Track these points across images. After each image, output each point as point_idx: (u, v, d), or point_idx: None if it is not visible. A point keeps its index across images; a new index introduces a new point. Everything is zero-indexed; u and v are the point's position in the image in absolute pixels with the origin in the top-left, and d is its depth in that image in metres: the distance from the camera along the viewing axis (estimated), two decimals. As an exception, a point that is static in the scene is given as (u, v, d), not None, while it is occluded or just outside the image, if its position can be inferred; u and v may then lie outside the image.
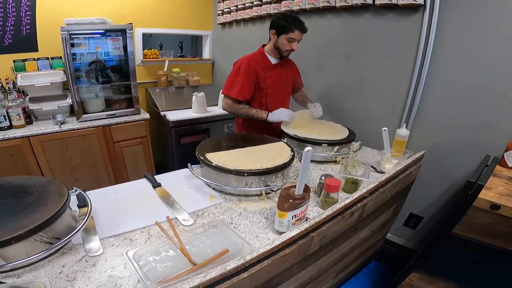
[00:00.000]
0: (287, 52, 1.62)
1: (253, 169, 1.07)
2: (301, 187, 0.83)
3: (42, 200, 0.85)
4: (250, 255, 0.69)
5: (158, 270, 0.71)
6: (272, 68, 1.69)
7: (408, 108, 1.63)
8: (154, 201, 1.08)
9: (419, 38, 1.50)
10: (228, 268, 0.65)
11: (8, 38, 2.26)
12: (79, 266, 0.75)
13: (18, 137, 1.97)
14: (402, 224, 1.82)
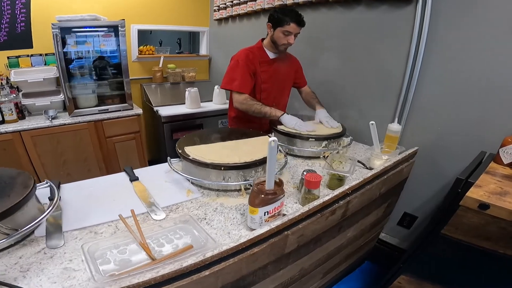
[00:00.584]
0: (283, 46, 1.55)
1: (230, 163, 1.02)
2: (270, 182, 0.79)
3: (6, 191, 0.83)
4: (211, 252, 0.65)
5: (113, 264, 0.67)
6: (268, 62, 1.63)
7: (401, 103, 1.57)
8: (129, 195, 1.05)
9: (412, 31, 1.44)
10: (185, 265, 0.61)
11: (3, 35, 2.27)
12: (35, 258, 0.72)
13: (10, 132, 1.96)
14: (396, 224, 1.75)
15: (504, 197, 0.81)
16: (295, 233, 0.83)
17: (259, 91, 1.67)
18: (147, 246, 0.71)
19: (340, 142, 1.48)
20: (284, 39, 1.51)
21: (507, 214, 0.76)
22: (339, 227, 1.08)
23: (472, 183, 0.90)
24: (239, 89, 1.56)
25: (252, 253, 0.73)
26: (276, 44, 1.56)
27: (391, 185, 1.29)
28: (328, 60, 1.90)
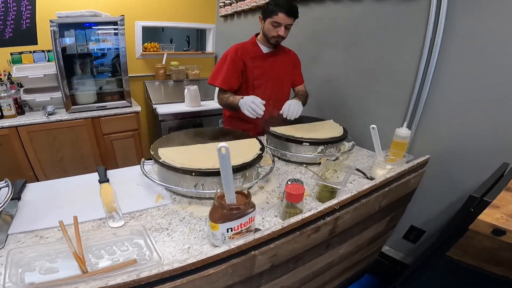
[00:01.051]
0: (273, 38, 1.43)
1: (202, 168, 0.90)
2: (229, 195, 0.66)
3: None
4: (147, 272, 0.53)
5: (38, 273, 0.58)
6: (262, 57, 1.52)
7: (413, 105, 1.39)
8: (93, 198, 0.95)
9: (427, 24, 1.27)
10: (111, 283, 0.50)
11: (9, 31, 2.28)
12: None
13: (6, 127, 1.95)
14: (401, 237, 1.57)
15: None
16: (266, 253, 0.70)
17: (252, 88, 1.55)
18: (81, 257, 0.60)
19: (340, 147, 1.32)
20: (273, 30, 1.40)
21: None
22: (326, 245, 0.93)
23: (488, 203, 0.73)
24: (221, 85, 1.48)
25: (207, 274, 0.61)
26: (266, 37, 1.45)
27: (395, 197, 1.13)
28: (333, 57, 1.75)
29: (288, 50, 1.63)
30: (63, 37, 2.04)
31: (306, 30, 1.86)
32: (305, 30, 1.87)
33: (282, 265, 0.81)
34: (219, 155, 0.60)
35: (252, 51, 1.51)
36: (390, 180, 1.02)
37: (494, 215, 0.67)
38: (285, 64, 1.59)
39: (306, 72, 1.90)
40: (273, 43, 1.47)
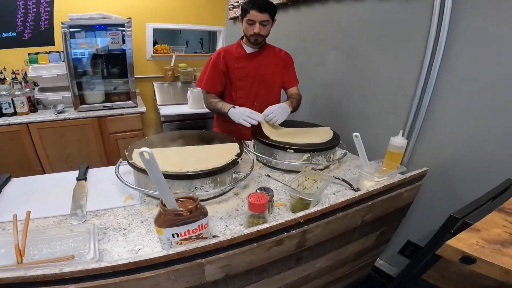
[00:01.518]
0: (252, 37, 1.40)
1: (169, 171, 0.88)
2: (168, 200, 0.63)
3: None
4: (69, 267, 0.52)
5: None
6: (245, 58, 1.49)
7: (414, 113, 1.29)
8: (65, 194, 0.96)
9: (430, 23, 1.17)
10: (30, 274, 0.49)
11: (28, 33, 2.42)
12: None
13: (17, 123, 2.05)
14: (397, 252, 1.46)
15: (506, 248, 0.55)
16: (215, 262, 0.66)
17: (235, 89, 1.52)
18: (21, 249, 0.60)
19: (329, 156, 1.25)
20: (250, 29, 1.38)
21: (499, 272, 0.51)
22: (296, 258, 0.87)
23: (469, 224, 0.64)
24: (204, 87, 1.51)
25: (143, 277, 0.58)
26: (246, 36, 1.44)
27: (383, 212, 1.05)
28: (335, 60, 1.68)
29: (278, 50, 1.58)
30: (74, 39, 2.12)
31: (311, 33, 1.81)
32: (310, 33, 1.82)
33: (240, 276, 0.77)
34: (143, 160, 0.57)
35: (236, 52, 1.49)
36: (374, 193, 0.94)
37: (469, 240, 0.58)
38: (273, 64, 1.53)
39: (310, 75, 1.85)
40: (252, 42, 1.43)
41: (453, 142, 1.20)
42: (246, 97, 1.53)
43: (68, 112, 2.24)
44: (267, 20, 1.36)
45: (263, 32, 1.38)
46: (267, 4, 1.34)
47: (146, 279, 0.59)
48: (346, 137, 1.56)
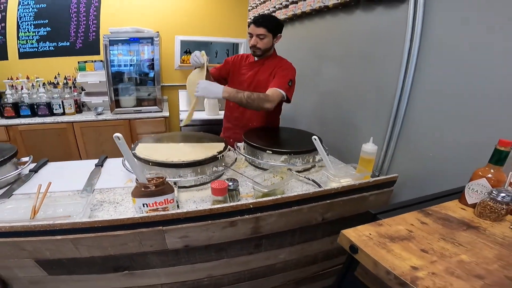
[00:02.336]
0: (252, 49, 1.59)
1: (158, 160, 1.10)
2: (138, 175, 0.83)
3: None
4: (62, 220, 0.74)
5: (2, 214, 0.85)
6: (249, 65, 1.69)
7: (392, 120, 1.37)
8: (83, 176, 1.22)
9: (405, 33, 1.25)
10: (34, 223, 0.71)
11: (79, 43, 2.88)
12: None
13: (65, 122, 2.47)
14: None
15: (394, 243, 0.64)
16: (175, 231, 0.84)
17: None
18: (36, 209, 0.84)
19: (308, 159, 1.38)
20: (249, 41, 1.57)
21: (371, 264, 0.60)
22: (255, 244, 1.01)
23: (378, 219, 0.74)
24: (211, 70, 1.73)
25: (114, 235, 0.78)
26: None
27: (348, 213, 1.14)
28: (329, 70, 1.81)
29: (283, 61, 1.65)
30: (113, 50, 2.51)
31: (311, 46, 1.95)
32: (310, 45, 1.97)
33: (200, 251, 0.93)
34: (117, 142, 0.78)
35: (247, 59, 1.71)
36: (331, 193, 1.04)
37: (364, 231, 0.67)
38: (268, 72, 1.63)
39: (309, 85, 1.99)
40: (252, 53, 1.62)
41: (425, 150, 1.25)
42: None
43: (105, 114, 2.62)
44: (264, 34, 1.52)
45: (260, 45, 1.55)
46: (264, 19, 1.52)
47: (117, 237, 0.79)
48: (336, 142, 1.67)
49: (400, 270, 0.56)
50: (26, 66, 2.79)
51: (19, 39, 2.77)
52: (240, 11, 3.13)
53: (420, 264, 0.58)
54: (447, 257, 0.60)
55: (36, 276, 0.84)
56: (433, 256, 0.60)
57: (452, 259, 0.59)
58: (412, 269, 0.56)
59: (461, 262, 0.59)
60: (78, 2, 2.77)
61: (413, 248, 0.62)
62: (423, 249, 0.62)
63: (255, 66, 1.67)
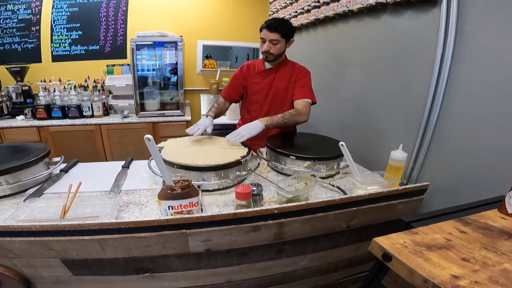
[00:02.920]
0: (264, 54, 1.55)
1: (182, 162, 1.11)
2: (165, 178, 0.84)
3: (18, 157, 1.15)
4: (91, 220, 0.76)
5: (33, 213, 0.88)
6: (262, 73, 1.63)
7: (423, 127, 1.31)
8: (111, 177, 1.25)
9: (438, 37, 1.20)
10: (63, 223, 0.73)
11: (108, 46, 3.00)
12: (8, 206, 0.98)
13: (93, 124, 2.57)
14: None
15: (432, 251, 0.60)
16: (198, 235, 0.84)
17: (250, 103, 1.69)
18: (66, 209, 0.87)
19: (332, 165, 1.34)
20: (262, 47, 1.53)
21: (406, 272, 0.57)
22: (277, 250, 0.99)
23: (412, 227, 0.70)
24: (222, 94, 1.75)
25: (139, 237, 0.79)
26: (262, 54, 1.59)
27: (374, 220, 1.10)
28: (353, 75, 1.76)
29: (298, 66, 1.64)
30: (138, 54, 2.59)
31: (334, 51, 1.92)
32: (333, 51, 1.94)
33: (222, 255, 0.92)
34: (147, 143, 0.79)
35: (256, 68, 1.65)
36: (357, 200, 1.01)
37: (397, 239, 0.64)
38: (285, 79, 1.60)
39: (333, 91, 1.95)
40: (265, 58, 1.58)
41: (460, 158, 1.18)
42: (259, 110, 1.68)
43: (131, 117, 2.71)
44: (277, 39, 1.48)
45: (273, 51, 1.51)
46: (277, 24, 1.48)
47: (141, 239, 0.80)
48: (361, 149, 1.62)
49: (440, 278, 0.53)
50: (59, 68, 2.94)
51: (52, 42, 2.92)
52: (261, 16, 3.14)
53: (461, 273, 0.55)
54: (490, 266, 0.57)
55: (60, 276, 0.86)
56: (475, 265, 0.58)
57: (495, 268, 0.56)
58: (453, 278, 0.54)
59: (504, 270, 0.56)
60: (107, 6, 2.88)
61: (452, 257, 0.60)
62: (464, 258, 0.60)
63: (269, 74, 1.62)
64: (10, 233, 0.69)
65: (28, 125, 2.48)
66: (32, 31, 2.88)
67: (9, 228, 0.69)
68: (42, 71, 2.89)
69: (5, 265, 0.78)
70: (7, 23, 2.84)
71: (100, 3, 2.88)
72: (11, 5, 2.81)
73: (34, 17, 2.85)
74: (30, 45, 2.90)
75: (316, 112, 2.20)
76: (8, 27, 2.84)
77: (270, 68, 1.63)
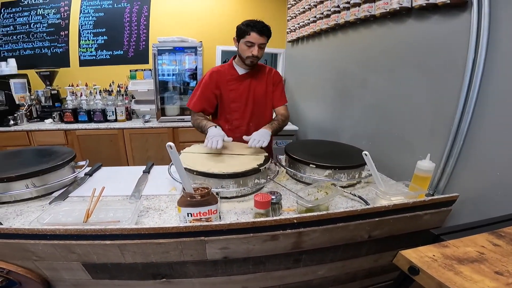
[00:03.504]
0: (248, 59, 1.45)
1: (199, 169, 1.11)
2: (186, 185, 0.85)
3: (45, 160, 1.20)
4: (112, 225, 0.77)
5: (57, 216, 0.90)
6: (238, 79, 1.54)
7: (453, 135, 1.24)
8: (132, 181, 1.28)
9: (468, 43, 1.14)
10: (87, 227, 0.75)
11: (131, 51, 3.09)
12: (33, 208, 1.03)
13: (116, 128, 2.66)
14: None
15: (463, 265, 0.56)
16: (216, 242, 0.83)
17: (229, 112, 1.58)
18: (89, 213, 0.89)
19: (353, 174, 1.30)
20: (248, 51, 1.43)
21: (435, 286, 0.53)
22: (294, 259, 0.97)
23: (442, 240, 0.66)
24: (193, 108, 1.56)
25: (158, 243, 0.80)
26: (242, 58, 1.49)
27: (398, 231, 1.06)
28: (376, 82, 1.71)
29: (269, 69, 1.61)
30: (160, 59, 2.65)
31: (356, 56, 1.88)
32: (353, 55, 1.89)
33: (238, 263, 0.91)
34: (169, 151, 0.80)
35: (228, 73, 1.53)
36: (380, 210, 0.98)
37: (426, 252, 0.60)
38: (263, 83, 1.55)
39: (353, 97, 1.91)
40: (248, 63, 1.48)
41: (492, 168, 1.11)
42: (241, 118, 1.59)
43: (152, 122, 2.77)
44: (265, 43, 1.45)
45: (260, 55, 1.45)
46: (266, 28, 1.43)
47: (160, 245, 0.80)
48: (385, 158, 1.56)
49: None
50: (85, 73, 3.05)
51: (80, 47, 3.04)
52: (279, 21, 3.15)
53: (494, 286, 0.53)
54: (523, 279, 0.53)
55: (80, 279, 0.88)
56: (509, 278, 0.55)
57: (530, 281, 0.52)
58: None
59: (539, 284, 0.51)
60: (130, 12, 2.98)
61: (485, 271, 0.57)
62: (498, 271, 0.57)
63: (245, 79, 1.55)
64: (34, 236, 0.72)
65: (56, 128, 2.59)
66: (61, 35, 3.00)
67: (34, 231, 0.71)
68: (69, 75, 3.02)
69: (27, 267, 0.81)
70: (38, 27, 2.97)
71: (124, 8, 2.97)
72: (41, 9, 2.94)
73: (63, 22, 2.98)
74: (59, 50, 3.03)
75: (336, 119, 2.16)
76: (38, 31, 2.98)
77: (245, 73, 1.56)
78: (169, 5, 3.03)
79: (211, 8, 3.08)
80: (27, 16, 2.94)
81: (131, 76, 2.98)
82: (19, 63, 2.89)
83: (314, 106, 2.57)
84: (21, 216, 0.97)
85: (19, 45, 2.98)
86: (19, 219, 0.95)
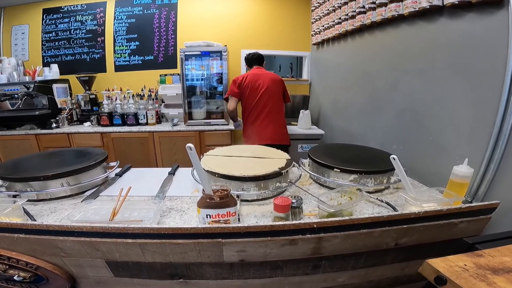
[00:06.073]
0: None
1: (219, 172, 1.12)
2: (205, 186, 0.86)
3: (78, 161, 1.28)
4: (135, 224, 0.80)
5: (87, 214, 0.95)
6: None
7: (494, 139, 1.14)
8: (158, 182, 1.32)
9: (508, 41, 1.05)
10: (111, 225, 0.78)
11: (161, 56, 3.23)
12: (67, 206, 1.09)
13: (147, 131, 2.78)
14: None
15: (498, 275, 0.51)
16: (232, 244, 0.83)
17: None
18: (115, 211, 0.93)
19: (381, 179, 1.24)
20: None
21: None
22: (313, 265, 0.94)
23: (476, 249, 0.60)
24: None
25: (176, 243, 0.81)
26: None
27: (428, 239, 0.98)
28: (408, 84, 1.61)
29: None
30: (187, 64, 2.73)
31: (386, 57, 1.80)
32: (383, 57, 1.82)
33: (255, 266, 0.90)
34: (188, 152, 0.81)
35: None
36: (409, 217, 0.91)
37: (456, 261, 0.55)
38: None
39: (382, 101, 1.83)
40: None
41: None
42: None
43: (179, 125, 2.87)
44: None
45: None
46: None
47: (178, 245, 0.81)
48: (417, 164, 1.47)
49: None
50: (120, 78, 3.24)
51: (115, 52, 3.23)
52: (303, 24, 3.12)
53: None
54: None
55: (103, 277, 0.91)
56: None
57: None
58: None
59: None
60: (159, 17, 3.11)
61: None
62: None
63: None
64: (63, 232, 0.76)
65: (93, 131, 2.77)
66: (98, 41, 3.20)
67: (63, 227, 0.75)
68: (105, 80, 3.22)
69: (55, 263, 0.86)
70: (77, 33, 3.19)
71: (153, 14, 3.11)
72: (79, 16, 3.15)
73: (99, 28, 3.17)
74: (96, 56, 3.24)
75: (364, 123, 2.08)
76: (78, 37, 3.20)
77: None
78: (194, 10, 3.12)
79: (235, 12, 3.13)
80: (67, 23, 3.17)
81: (161, 81, 3.10)
82: (61, 68, 3.12)
83: (341, 110, 2.50)
84: (54, 213, 1.04)
85: (61, 51, 3.23)
86: (52, 216, 1.02)
